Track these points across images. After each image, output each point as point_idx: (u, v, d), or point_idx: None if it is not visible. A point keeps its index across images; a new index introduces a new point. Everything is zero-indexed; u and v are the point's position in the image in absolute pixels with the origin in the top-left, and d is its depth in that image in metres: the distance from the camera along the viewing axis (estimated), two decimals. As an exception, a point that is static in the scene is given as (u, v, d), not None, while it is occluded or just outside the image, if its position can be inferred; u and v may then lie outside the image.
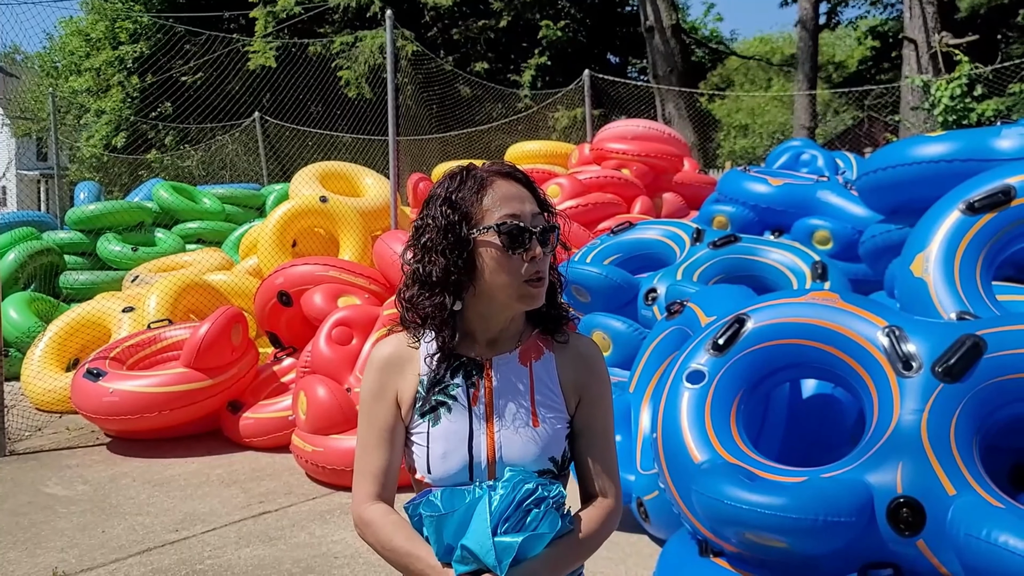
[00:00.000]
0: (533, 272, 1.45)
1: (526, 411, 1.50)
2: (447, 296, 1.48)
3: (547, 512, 1.38)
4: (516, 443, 1.47)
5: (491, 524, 1.34)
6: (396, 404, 1.53)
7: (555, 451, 1.50)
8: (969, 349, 2.66)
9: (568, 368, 1.55)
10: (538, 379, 1.52)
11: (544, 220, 1.48)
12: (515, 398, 1.50)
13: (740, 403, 3.01)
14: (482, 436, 1.48)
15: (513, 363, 1.52)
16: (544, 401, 1.51)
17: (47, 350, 7.04)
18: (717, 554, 2.81)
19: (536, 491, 1.39)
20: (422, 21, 22.38)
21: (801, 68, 18.40)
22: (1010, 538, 2.29)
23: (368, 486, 1.54)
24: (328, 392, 4.98)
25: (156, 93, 21.14)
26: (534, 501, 1.38)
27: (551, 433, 1.50)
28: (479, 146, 14.96)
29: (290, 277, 6.35)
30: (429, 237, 1.48)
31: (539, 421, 1.49)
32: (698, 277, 5.07)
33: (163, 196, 10.72)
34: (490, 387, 1.50)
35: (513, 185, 1.49)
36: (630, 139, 9.11)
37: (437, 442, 1.49)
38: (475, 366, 1.52)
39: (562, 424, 1.52)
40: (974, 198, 3.52)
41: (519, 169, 1.53)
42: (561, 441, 1.51)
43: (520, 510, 1.37)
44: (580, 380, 1.55)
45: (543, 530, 1.37)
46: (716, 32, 34.43)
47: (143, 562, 3.87)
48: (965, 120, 10.77)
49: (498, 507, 1.36)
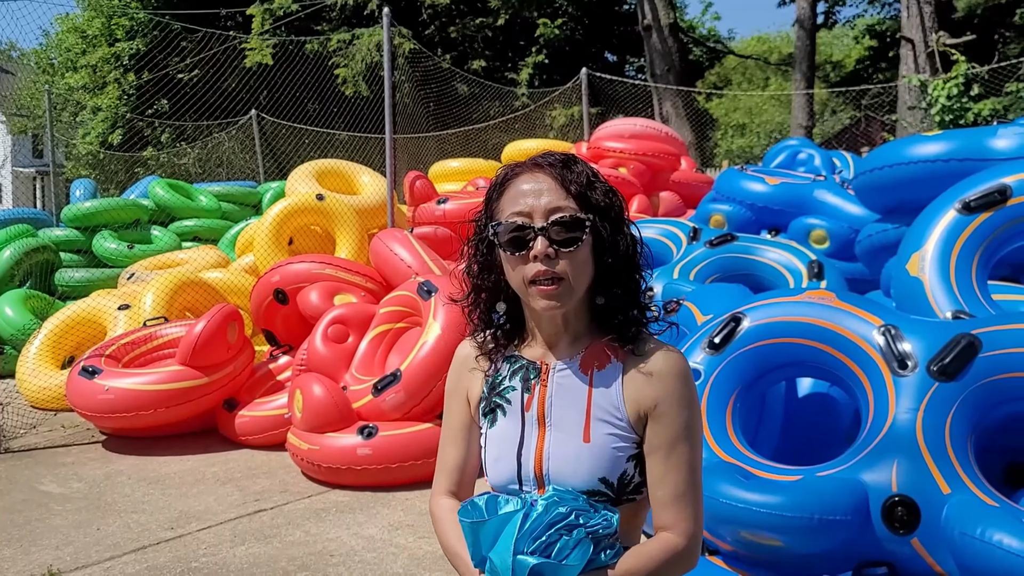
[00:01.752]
0: (536, 272, 1.33)
1: (579, 424, 1.38)
2: (483, 298, 1.46)
3: (579, 541, 1.27)
4: (563, 457, 1.37)
5: (516, 541, 1.27)
6: (468, 402, 1.52)
7: (608, 472, 1.36)
8: (964, 348, 2.66)
9: (637, 381, 1.38)
10: (598, 390, 1.39)
11: (570, 211, 1.34)
12: (570, 408, 1.39)
13: (736, 402, 3.01)
14: (532, 444, 1.40)
15: (574, 370, 1.41)
16: (602, 415, 1.37)
17: (42, 347, 7.03)
18: (713, 553, 2.81)
19: (569, 516, 1.28)
20: (419, 19, 22.36)
21: (798, 67, 18.41)
22: (1004, 536, 2.29)
23: (441, 481, 1.53)
24: (324, 390, 4.97)
25: (152, 90, 21.09)
26: (566, 527, 1.28)
27: (604, 451, 1.36)
28: (476, 144, 14.95)
29: (286, 275, 6.34)
30: (470, 239, 1.46)
31: (591, 436, 1.37)
32: (695, 276, 5.08)
33: (159, 193, 10.70)
34: (544, 393, 1.41)
35: (533, 178, 1.38)
36: (627, 138, 9.13)
37: (491, 445, 1.45)
38: (534, 369, 1.44)
39: (622, 443, 1.37)
40: (970, 197, 3.53)
41: (557, 156, 1.40)
42: (618, 462, 1.36)
43: (553, 533, 1.27)
44: (648, 396, 1.37)
45: (572, 561, 1.26)
46: (714, 31, 34.42)
47: (138, 560, 3.86)
48: (962, 120, 10.78)
49: (530, 525, 1.27)
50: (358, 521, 4.30)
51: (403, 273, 6.03)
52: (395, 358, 5.28)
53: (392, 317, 5.53)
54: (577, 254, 1.34)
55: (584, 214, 1.35)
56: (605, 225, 1.38)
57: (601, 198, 1.38)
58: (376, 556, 3.84)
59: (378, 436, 4.79)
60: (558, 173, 1.37)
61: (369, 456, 4.74)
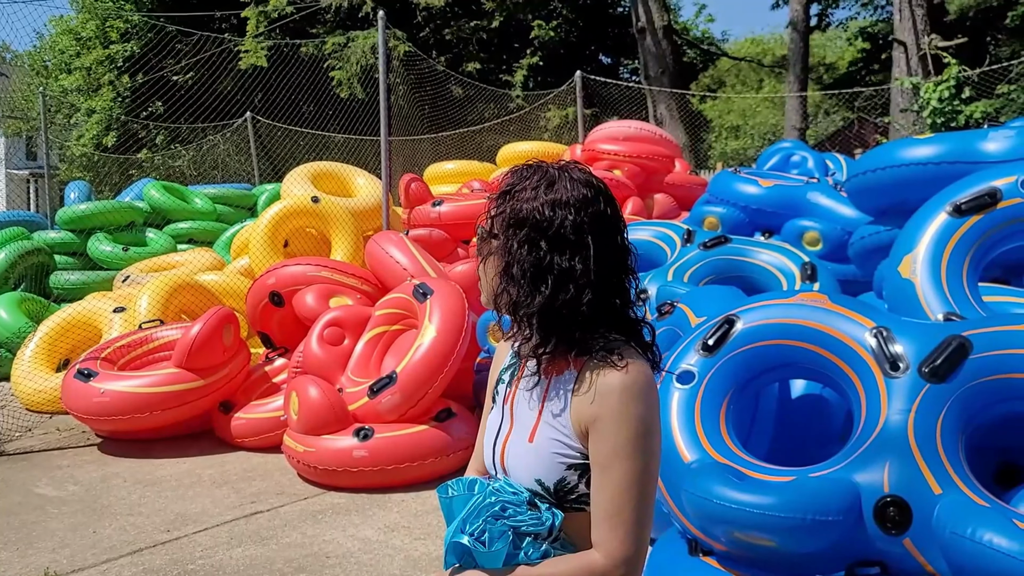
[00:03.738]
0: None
1: (530, 424, 1.45)
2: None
3: (502, 534, 1.35)
4: (514, 453, 1.46)
5: (461, 520, 1.39)
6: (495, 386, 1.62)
7: (544, 475, 1.40)
8: (955, 350, 2.69)
9: (581, 394, 1.39)
10: (551, 396, 1.44)
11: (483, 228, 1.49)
12: (528, 408, 1.47)
13: (729, 403, 3.03)
14: (503, 436, 1.50)
15: (539, 371, 1.47)
16: (550, 420, 1.42)
17: (37, 350, 7.02)
18: (706, 553, 2.83)
19: (495, 507, 1.37)
20: (414, 21, 22.35)
21: (792, 69, 18.47)
22: (995, 536, 2.32)
23: (473, 462, 1.65)
24: (320, 392, 4.98)
25: (147, 92, 21.06)
26: (492, 516, 1.37)
27: (544, 454, 1.40)
28: (471, 146, 14.96)
29: (282, 277, 6.35)
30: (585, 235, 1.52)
31: (535, 437, 1.43)
32: (688, 278, 5.09)
33: (154, 196, 10.69)
34: (515, 390, 1.51)
35: None
36: (622, 140, 9.15)
37: (483, 431, 1.58)
38: (516, 366, 1.55)
39: (561, 450, 1.39)
40: (961, 200, 3.56)
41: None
42: (556, 468, 1.39)
43: (488, 520, 1.37)
44: (587, 410, 1.37)
45: (496, 547, 1.35)
46: (707, 33, 34.45)
47: (134, 562, 3.86)
48: (954, 122, 10.84)
49: (471, 509, 1.39)
50: (354, 523, 4.31)
51: (399, 275, 6.05)
52: (391, 360, 5.29)
53: (388, 319, 5.55)
54: (483, 263, 1.51)
55: (495, 229, 1.48)
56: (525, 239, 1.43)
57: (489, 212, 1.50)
58: (372, 558, 3.85)
59: (374, 438, 4.80)
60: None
61: (365, 458, 4.75)
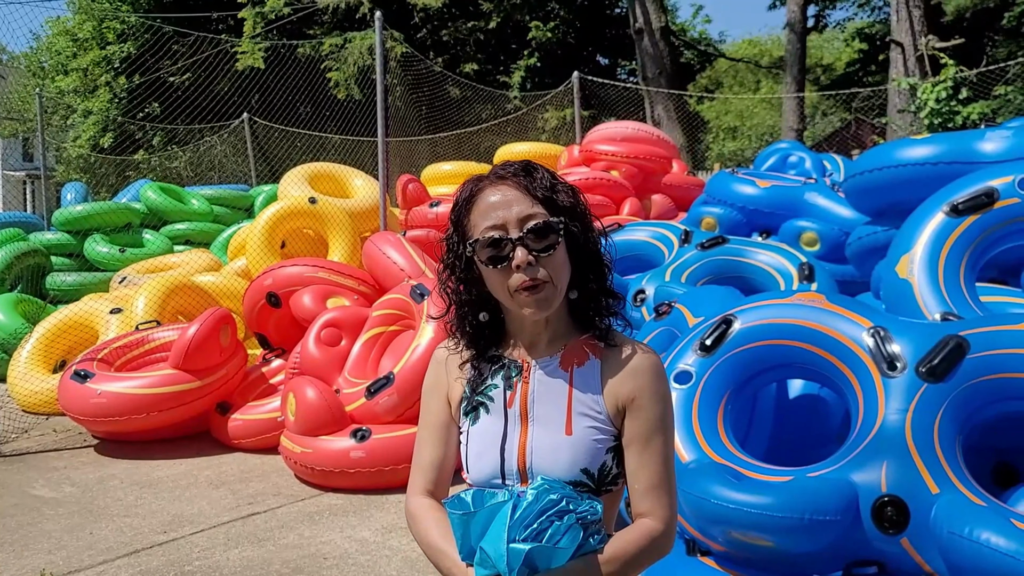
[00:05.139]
0: (521, 282, 1.38)
1: (561, 418, 1.43)
2: (467, 312, 1.49)
3: (570, 526, 1.32)
4: (547, 450, 1.42)
5: (508, 529, 1.31)
6: (448, 402, 1.55)
7: (589, 463, 1.42)
8: (952, 350, 2.69)
9: (615, 377, 1.45)
10: (578, 386, 1.45)
11: (542, 217, 1.39)
12: (552, 403, 1.45)
13: (727, 403, 3.03)
14: (515, 439, 1.45)
15: (554, 367, 1.47)
16: (582, 409, 1.44)
17: (34, 352, 7.01)
18: (704, 553, 2.83)
19: (560, 502, 1.33)
20: (411, 22, 22.36)
21: (789, 70, 18.50)
22: (992, 536, 2.32)
23: (418, 479, 1.55)
24: (317, 393, 4.97)
25: (144, 93, 21.04)
26: (556, 513, 1.32)
27: (585, 443, 1.42)
28: (468, 147, 14.97)
29: (279, 278, 6.34)
30: (445, 255, 1.49)
31: (572, 429, 1.42)
32: (686, 278, 5.10)
33: (151, 197, 10.68)
34: (526, 390, 1.47)
35: (499, 190, 1.42)
36: (619, 141, 9.15)
37: (474, 441, 1.49)
38: (515, 368, 1.49)
39: (601, 435, 1.43)
40: (958, 200, 3.57)
41: (516, 165, 1.45)
42: (598, 454, 1.42)
43: (544, 520, 1.32)
44: (625, 390, 1.43)
45: (564, 544, 1.31)
46: (705, 34, 34.56)
47: (131, 564, 3.85)
48: (951, 123, 10.86)
49: (521, 514, 1.31)
50: (351, 524, 4.30)
51: (396, 276, 6.04)
52: (388, 361, 5.29)
53: (385, 320, 5.54)
54: (555, 257, 1.40)
55: (554, 217, 1.41)
56: (575, 224, 1.44)
57: (566, 199, 1.44)
58: (369, 559, 3.85)
59: (371, 439, 4.79)
60: (522, 182, 1.42)
61: (362, 459, 4.74)
